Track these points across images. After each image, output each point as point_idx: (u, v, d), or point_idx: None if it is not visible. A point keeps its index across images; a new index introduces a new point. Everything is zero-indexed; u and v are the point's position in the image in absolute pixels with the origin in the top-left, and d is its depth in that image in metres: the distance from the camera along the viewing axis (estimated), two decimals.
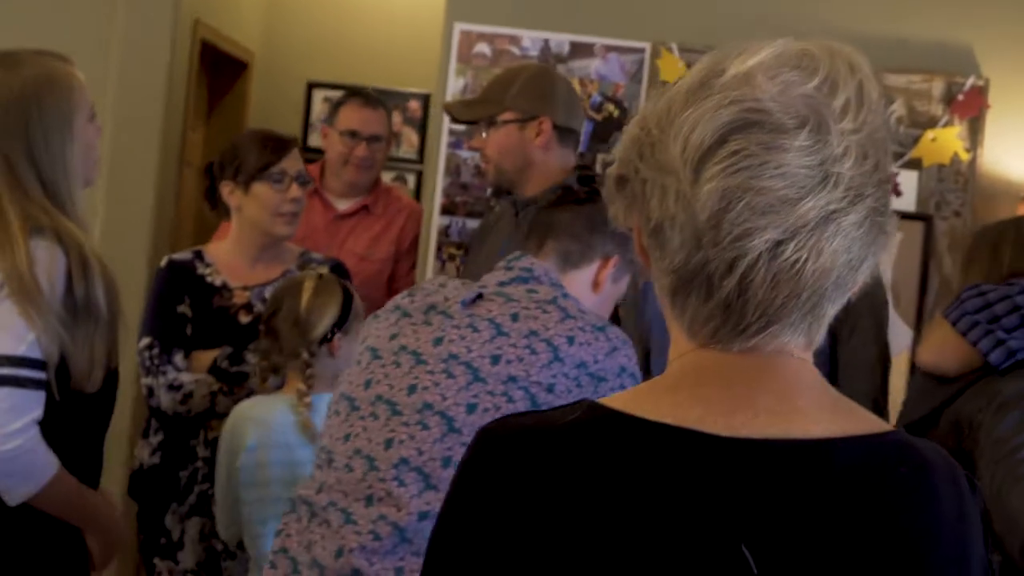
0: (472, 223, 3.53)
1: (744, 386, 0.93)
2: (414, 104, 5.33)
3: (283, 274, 2.73)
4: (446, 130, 3.62)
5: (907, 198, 3.46)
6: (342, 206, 3.49)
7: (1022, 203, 3.33)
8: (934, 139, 3.44)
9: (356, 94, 3.55)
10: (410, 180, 5.34)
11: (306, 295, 2.44)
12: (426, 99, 5.30)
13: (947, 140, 3.44)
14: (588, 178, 2.05)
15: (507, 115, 2.69)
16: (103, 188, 3.62)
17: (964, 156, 3.44)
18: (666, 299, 0.97)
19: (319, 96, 5.38)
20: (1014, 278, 2.20)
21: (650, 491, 0.90)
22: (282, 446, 2.36)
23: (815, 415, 0.93)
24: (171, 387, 2.58)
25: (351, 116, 3.44)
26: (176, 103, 3.99)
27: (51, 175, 1.97)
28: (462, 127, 3.50)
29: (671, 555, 0.88)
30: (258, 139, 2.70)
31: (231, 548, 2.60)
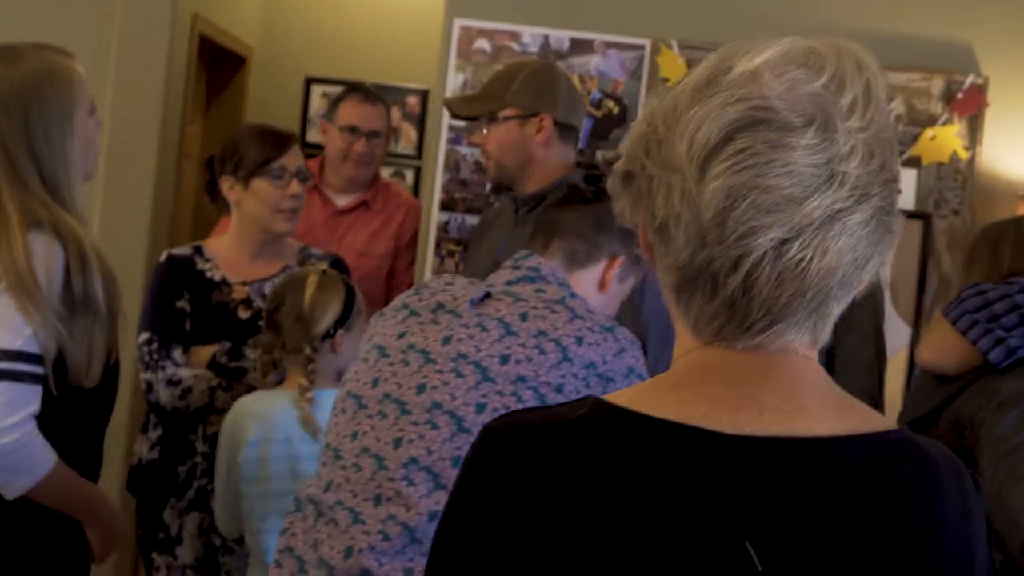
0: (471, 219, 3.53)
1: (749, 384, 0.93)
2: (412, 100, 5.33)
3: (283, 269, 2.72)
4: (446, 126, 3.61)
5: (906, 196, 3.45)
6: (341, 202, 3.48)
7: (1021, 201, 3.33)
8: (933, 137, 3.44)
9: (356, 89, 3.54)
10: (408, 176, 5.33)
11: (309, 290, 2.44)
12: (425, 95, 5.29)
13: (946, 138, 3.44)
14: (595, 177, 2.04)
15: (508, 111, 2.68)
16: (102, 182, 3.62)
17: (963, 154, 3.44)
18: (671, 296, 0.97)
19: (317, 91, 5.38)
20: (1014, 277, 2.21)
21: (655, 488, 0.90)
22: (284, 441, 2.36)
23: (820, 413, 0.93)
24: (170, 382, 2.57)
25: (351, 112, 3.43)
26: (175, 97, 3.98)
27: (51, 169, 1.97)
28: (462, 123, 3.50)
29: (676, 552, 0.88)
30: (258, 134, 2.69)
31: (230, 543, 2.60)
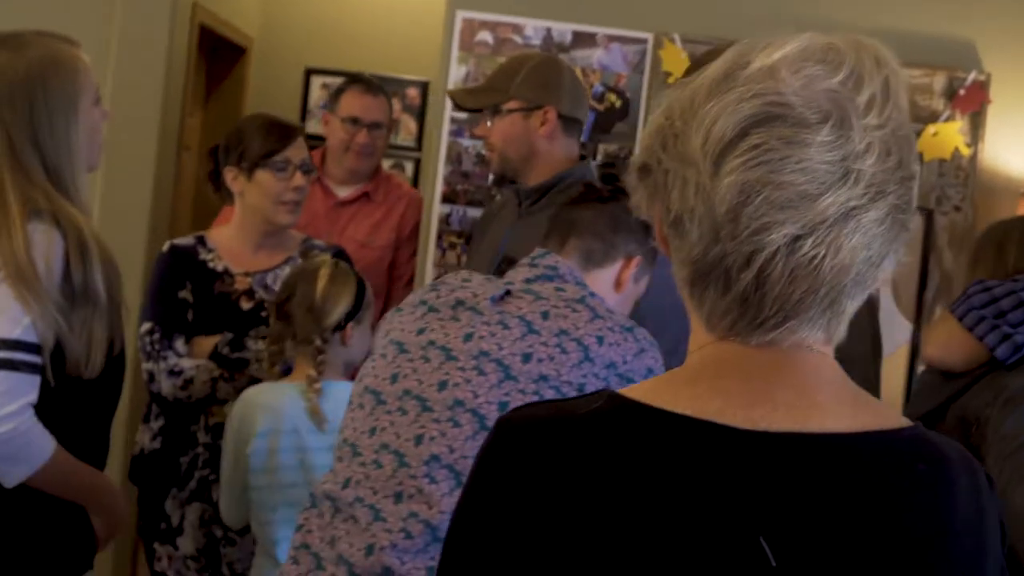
0: (473, 212, 3.52)
1: (764, 380, 0.94)
2: (413, 92, 5.32)
3: (285, 261, 2.72)
4: (448, 118, 3.60)
5: None
6: (343, 193, 3.47)
7: (1023, 198, 3.33)
8: (935, 134, 3.44)
9: (357, 81, 3.52)
10: (408, 168, 5.33)
11: (321, 282, 2.44)
12: (425, 87, 5.29)
13: (948, 135, 3.44)
14: (611, 176, 2.03)
15: (512, 104, 2.66)
16: (101, 173, 3.60)
17: (965, 151, 3.44)
18: (685, 290, 0.97)
19: (317, 82, 5.37)
20: (1020, 275, 2.21)
21: (669, 482, 0.90)
22: (292, 432, 2.36)
23: (834, 410, 0.94)
24: (172, 373, 2.56)
25: (352, 103, 3.42)
26: (175, 88, 3.97)
27: (55, 159, 1.96)
28: (464, 115, 3.50)
29: (689, 546, 0.88)
30: (263, 125, 2.68)
31: (231, 534, 2.60)
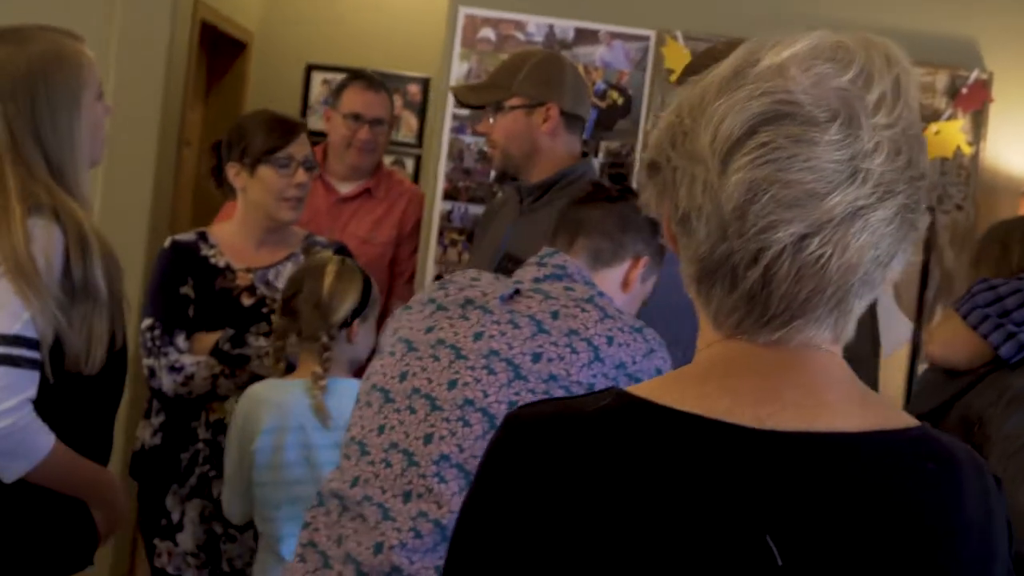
0: (474, 208, 3.52)
1: (772, 378, 0.94)
2: (413, 88, 5.32)
3: (287, 257, 2.71)
4: (450, 114, 3.60)
5: None
6: (344, 189, 3.46)
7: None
8: (937, 132, 3.44)
9: (359, 77, 3.52)
10: (408, 164, 5.32)
11: (328, 278, 2.44)
12: (425, 83, 5.29)
13: (950, 133, 3.44)
14: (620, 175, 2.03)
15: (514, 100, 2.67)
16: (102, 167, 3.58)
17: (967, 150, 3.44)
18: (692, 287, 0.97)
19: (318, 78, 5.37)
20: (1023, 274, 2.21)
21: (676, 480, 0.90)
22: (298, 429, 2.36)
23: (843, 409, 0.93)
24: (172, 369, 2.56)
25: (354, 99, 3.42)
26: (176, 83, 3.96)
27: (57, 153, 1.95)
28: (466, 112, 3.49)
29: (695, 544, 0.88)
30: (266, 122, 2.67)
31: (231, 531, 2.59)
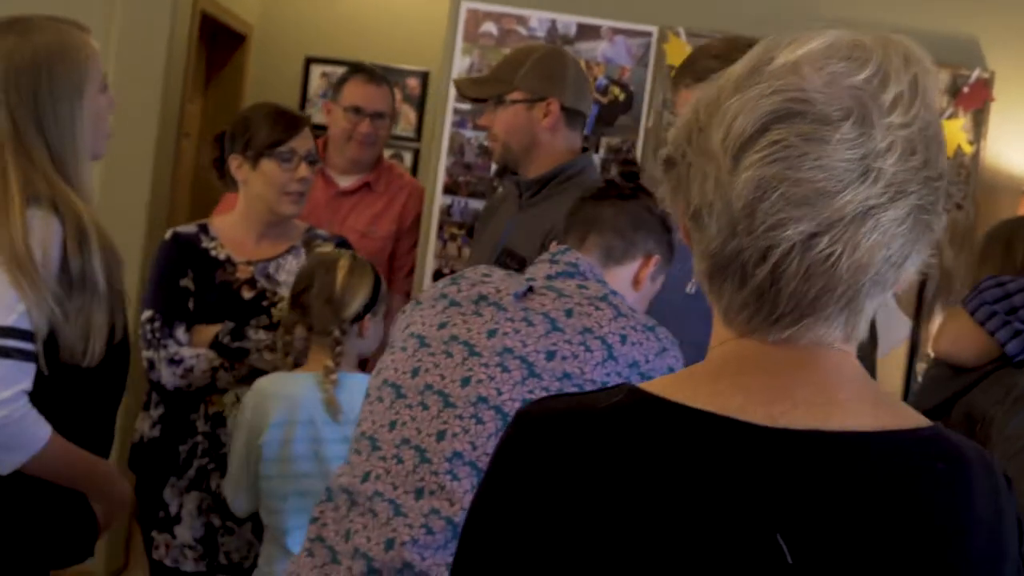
0: (475, 203, 3.52)
1: (782, 377, 0.93)
2: (412, 82, 5.31)
3: (288, 250, 2.70)
4: (451, 109, 3.59)
5: None
6: (344, 183, 3.45)
7: None
8: None
9: (360, 70, 3.51)
10: (407, 158, 5.32)
11: (341, 273, 2.44)
12: (424, 77, 5.28)
13: (951, 132, 3.44)
14: (632, 174, 2.02)
15: (516, 95, 2.67)
16: (101, 159, 3.59)
17: (967, 148, 3.45)
18: (704, 283, 0.98)
19: (317, 71, 5.36)
20: None
21: (688, 477, 0.90)
22: (307, 423, 2.36)
23: (854, 408, 0.93)
24: (172, 361, 2.55)
25: (355, 92, 3.41)
26: (175, 74, 3.95)
27: (58, 145, 1.95)
28: (467, 106, 3.49)
29: (706, 542, 0.88)
30: (270, 115, 2.66)
31: (232, 522, 2.59)
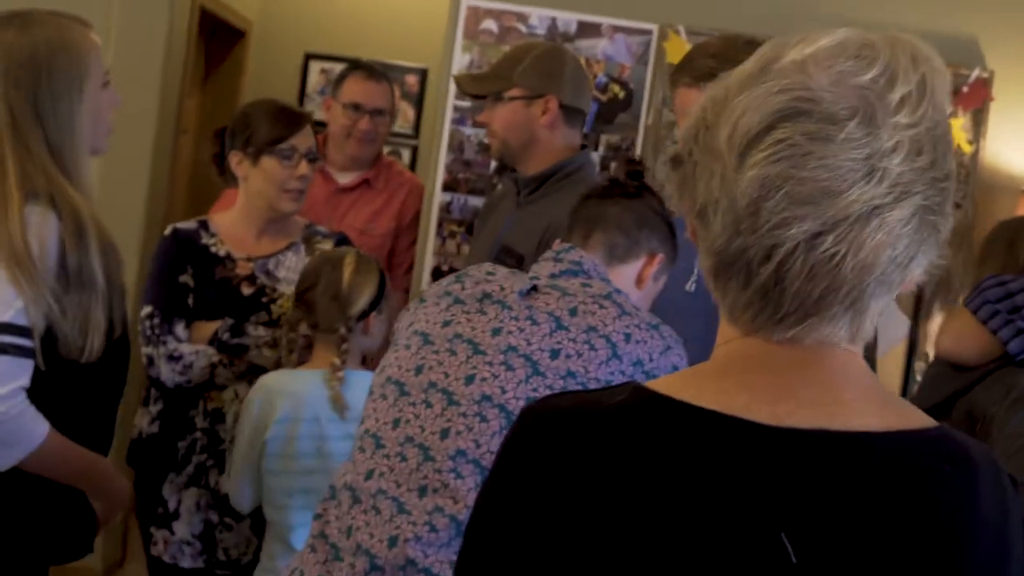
0: (474, 200, 3.52)
1: (789, 376, 0.93)
2: (411, 79, 5.31)
3: (288, 246, 2.70)
4: (451, 106, 3.59)
5: None
6: (343, 179, 3.45)
7: (1023, 196, 3.34)
8: None
9: (360, 67, 3.50)
10: (405, 155, 5.31)
11: (348, 271, 2.45)
12: (423, 74, 5.27)
13: None
14: (638, 173, 2.02)
15: (514, 91, 2.68)
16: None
17: (967, 148, 3.44)
18: (710, 281, 0.98)
19: (316, 68, 5.35)
20: None
21: (692, 476, 0.90)
22: (312, 420, 2.37)
23: (860, 408, 0.93)
24: (171, 357, 2.55)
25: (355, 89, 3.40)
26: (174, 70, 3.95)
27: (57, 139, 1.94)
28: (467, 103, 3.49)
29: (710, 540, 0.88)
30: (272, 112, 2.65)
31: (230, 518, 2.59)
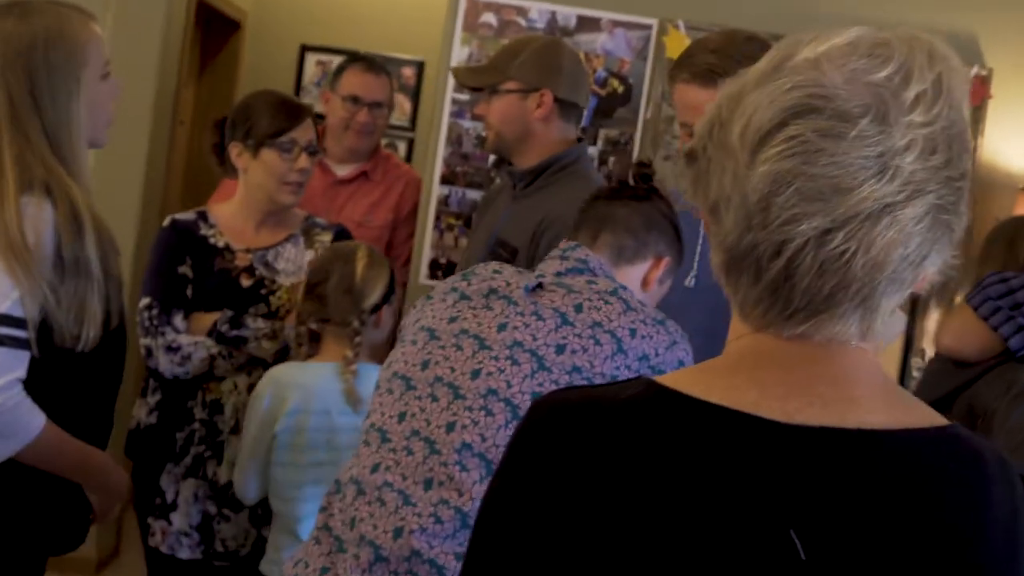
0: (472, 193, 3.52)
1: (797, 372, 0.93)
2: (408, 71, 5.29)
3: (287, 238, 2.70)
4: (449, 99, 3.59)
5: None
6: (341, 172, 3.45)
7: (1021, 194, 3.34)
8: None
9: (359, 59, 3.50)
10: (401, 148, 5.31)
11: (361, 264, 2.47)
12: (420, 66, 5.26)
13: None
14: (646, 176, 2.03)
15: (510, 84, 2.68)
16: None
17: None
18: (721, 277, 0.98)
19: (312, 60, 5.34)
20: None
21: (703, 472, 0.90)
22: (322, 413, 2.38)
23: (871, 405, 0.93)
24: (169, 349, 2.55)
25: (353, 81, 3.40)
26: (170, 61, 3.93)
27: (55, 129, 1.94)
28: (465, 96, 3.49)
29: (720, 536, 0.88)
30: (272, 104, 2.64)
31: (228, 510, 2.59)
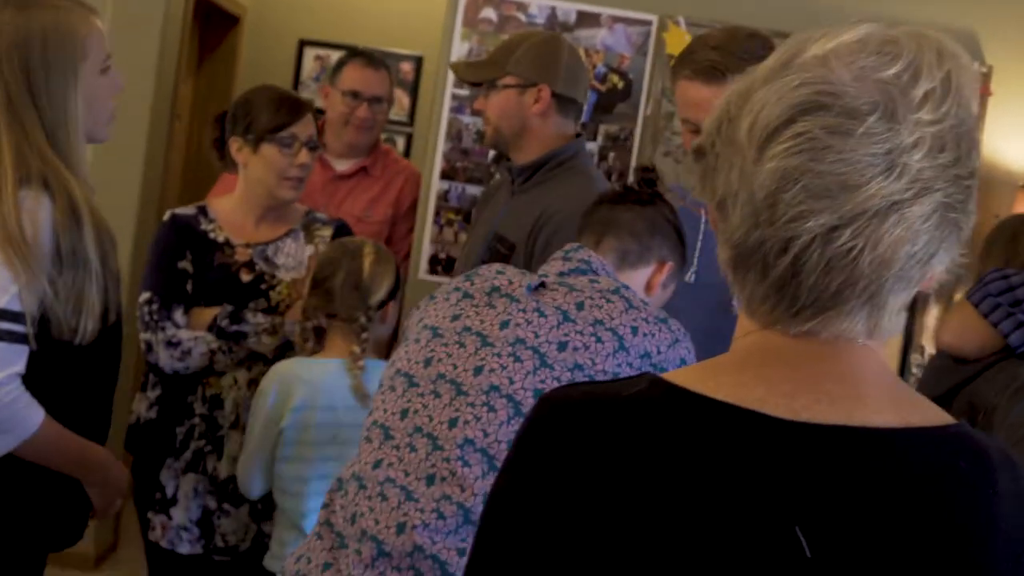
0: (472, 189, 3.52)
1: (806, 370, 0.93)
2: (406, 66, 5.29)
3: (287, 233, 2.69)
4: (449, 94, 3.59)
5: None
6: (341, 167, 3.44)
7: (1021, 191, 3.35)
8: None
9: (359, 54, 3.49)
10: (399, 143, 5.30)
11: (368, 260, 2.48)
12: (418, 61, 5.26)
13: None
14: (650, 180, 2.04)
15: (508, 79, 2.69)
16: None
17: None
18: (729, 273, 0.98)
19: (310, 54, 5.34)
20: None
21: (708, 468, 0.90)
22: (328, 409, 2.39)
23: (877, 404, 0.93)
24: (170, 343, 2.54)
25: (353, 76, 3.39)
26: (169, 56, 3.93)
27: (52, 121, 1.94)
28: (465, 92, 3.49)
29: (725, 533, 0.88)
30: (273, 99, 2.64)
31: (228, 504, 2.59)
